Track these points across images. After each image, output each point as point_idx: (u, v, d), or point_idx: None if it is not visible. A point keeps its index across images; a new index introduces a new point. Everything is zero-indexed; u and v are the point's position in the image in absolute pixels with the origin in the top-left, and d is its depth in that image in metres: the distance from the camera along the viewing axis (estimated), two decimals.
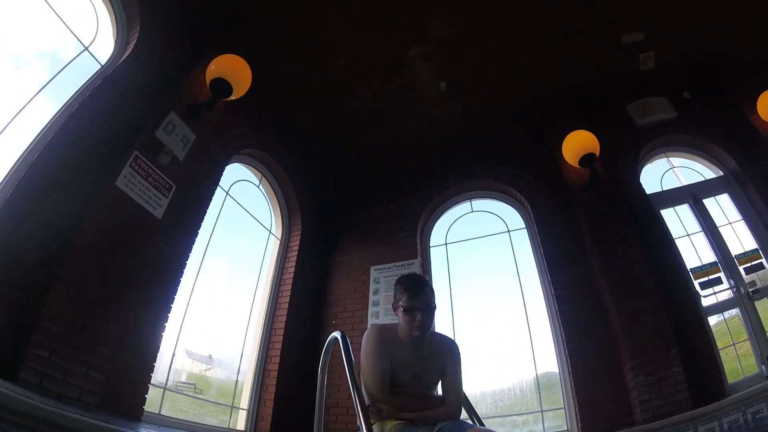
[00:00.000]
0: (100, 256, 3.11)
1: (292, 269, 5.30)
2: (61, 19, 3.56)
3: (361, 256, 5.68)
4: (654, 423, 3.59)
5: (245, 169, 5.41)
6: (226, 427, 4.22)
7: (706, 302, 4.27)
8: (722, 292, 4.31)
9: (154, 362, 3.47)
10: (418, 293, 2.16)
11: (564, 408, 4.31)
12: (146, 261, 3.51)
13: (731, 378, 3.87)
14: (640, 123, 5.15)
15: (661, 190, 5.06)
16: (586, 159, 4.70)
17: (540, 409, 4.51)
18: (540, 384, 4.65)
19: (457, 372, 2.28)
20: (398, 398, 2.11)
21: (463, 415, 2.28)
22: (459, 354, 2.33)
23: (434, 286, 5.61)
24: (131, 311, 3.30)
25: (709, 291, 4.32)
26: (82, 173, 3.24)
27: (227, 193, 4.94)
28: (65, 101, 3.41)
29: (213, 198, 4.47)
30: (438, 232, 5.91)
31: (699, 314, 4.06)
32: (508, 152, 5.82)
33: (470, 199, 5.97)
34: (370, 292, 5.35)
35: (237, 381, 4.51)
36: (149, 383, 3.39)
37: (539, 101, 5.70)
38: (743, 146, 4.71)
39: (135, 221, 3.43)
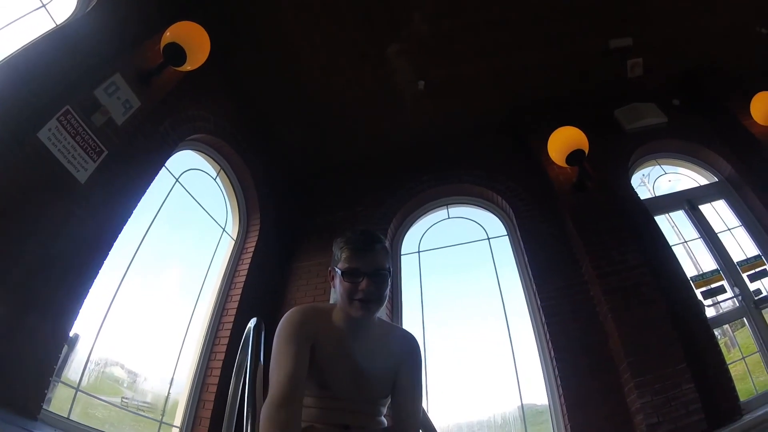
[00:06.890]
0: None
1: (245, 272, 4.62)
2: None
3: (323, 263, 4.96)
4: None
5: (202, 159, 4.79)
6: None
7: (708, 312, 3.84)
8: (725, 302, 3.91)
9: (59, 353, 2.80)
10: (366, 250, 1.44)
11: None
12: (60, 230, 2.87)
13: (742, 396, 3.37)
14: (629, 128, 4.87)
15: (653, 196, 4.72)
16: (574, 156, 4.31)
17: None
18: (525, 409, 4.04)
19: (415, 382, 1.54)
20: (314, 401, 1.42)
21: None
22: (420, 356, 1.62)
23: (403, 298, 4.80)
24: (35, 287, 2.66)
25: (709, 301, 3.91)
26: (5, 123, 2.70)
27: (177, 180, 4.32)
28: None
29: (157, 180, 3.87)
30: (410, 240, 5.36)
31: (706, 325, 3.59)
32: (487, 156, 5.40)
33: (447, 205, 5.48)
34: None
35: (169, 393, 3.72)
36: (51, 377, 2.71)
37: (522, 105, 5.36)
38: (738, 151, 4.47)
39: (53, 181, 2.87)
